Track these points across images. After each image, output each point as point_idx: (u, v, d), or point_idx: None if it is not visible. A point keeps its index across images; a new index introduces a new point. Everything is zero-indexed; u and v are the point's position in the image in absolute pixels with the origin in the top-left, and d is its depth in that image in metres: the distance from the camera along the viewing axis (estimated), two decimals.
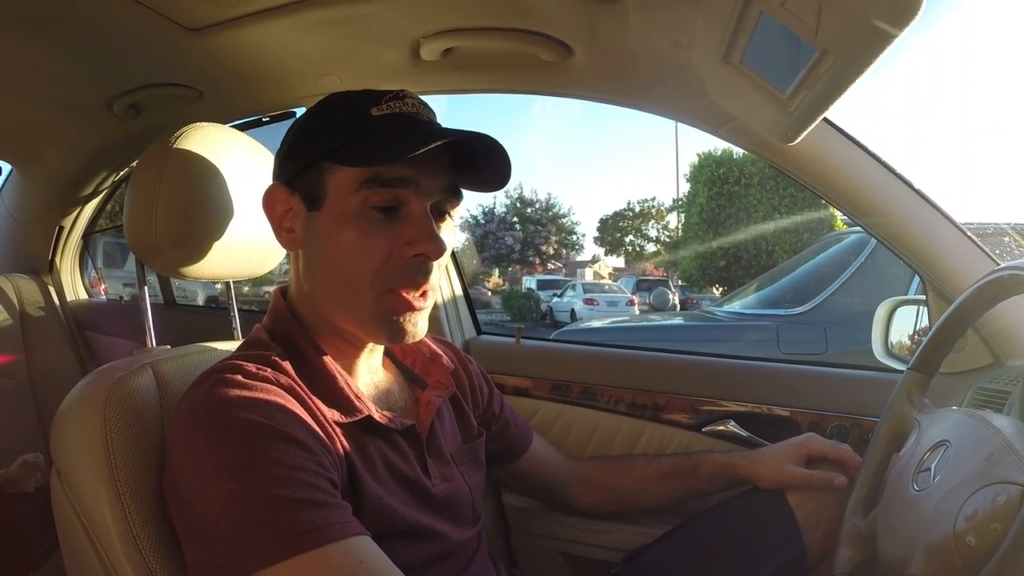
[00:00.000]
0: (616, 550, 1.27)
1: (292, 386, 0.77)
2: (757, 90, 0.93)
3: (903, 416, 0.95)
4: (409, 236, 0.79)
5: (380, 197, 0.78)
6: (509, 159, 0.82)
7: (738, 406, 1.39)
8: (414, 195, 0.79)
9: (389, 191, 0.78)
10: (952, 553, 0.66)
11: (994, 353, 1.16)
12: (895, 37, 0.64)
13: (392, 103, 0.81)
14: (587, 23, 1.08)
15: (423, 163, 0.78)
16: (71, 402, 0.80)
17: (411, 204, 0.80)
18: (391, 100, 0.81)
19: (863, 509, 0.93)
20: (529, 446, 1.16)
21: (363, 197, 0.78)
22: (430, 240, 0.79)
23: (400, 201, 0.79)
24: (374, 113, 0.80)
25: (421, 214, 0.80)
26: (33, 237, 1.99)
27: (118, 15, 1.08)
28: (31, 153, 1.73)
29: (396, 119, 0.80)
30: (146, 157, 0.94)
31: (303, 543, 0.64)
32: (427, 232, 0.79)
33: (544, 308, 18.07)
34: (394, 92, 0.82)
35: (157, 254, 0.94)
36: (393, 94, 0.82)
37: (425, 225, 0.79)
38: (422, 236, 0.79)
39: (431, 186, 0.80)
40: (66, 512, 0.78)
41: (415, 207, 0.80)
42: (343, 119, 0.81)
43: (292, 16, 1.09)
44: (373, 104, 0.80)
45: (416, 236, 0.79)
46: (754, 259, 15.37)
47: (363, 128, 0.80)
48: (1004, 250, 3.07)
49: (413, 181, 0.78)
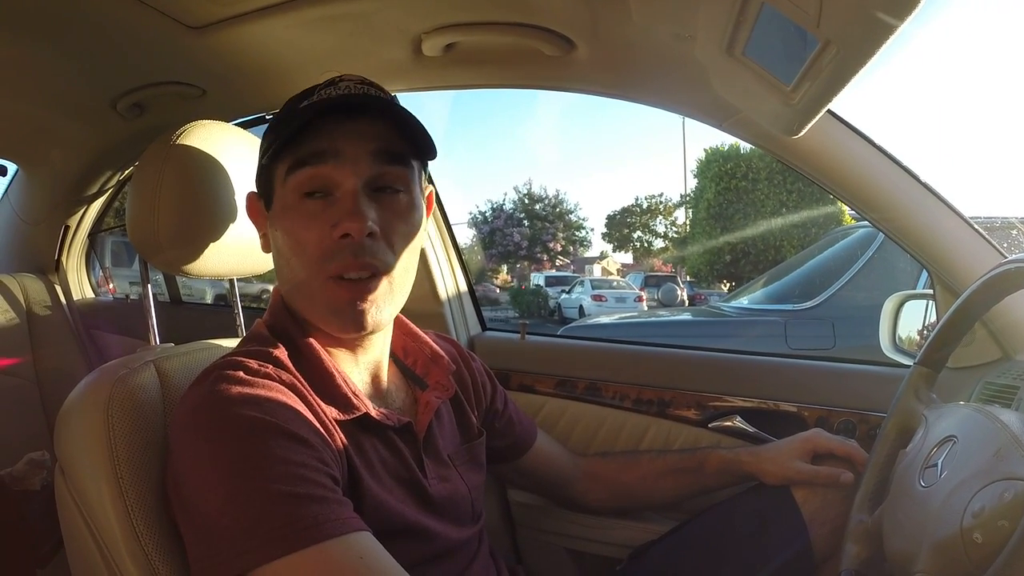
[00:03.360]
0: (621, 546, 1.26)
1: (293, 383, 0.77)
2: (760, 82, 0.93)
3: (910, 411, 0.94)
4: (335, 218, 0.78)
5: (304, 179, 0.78)
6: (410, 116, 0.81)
7: (744, 402, 1.38)
8: (338, 170, 0.78)
9: (309, 171, 0.78)
10: (959, 550, 0.65)
11: (1002, 348, 1.15)
12: (897, 27, 0.63)
13: (324, 90, 0.81)
14: (589, 17, 1.07)
15: (340, 134, 0.78)
16: (74, 400, 0.81)
17: (343, 184, 0.78)
18: (324, 87, 0.81)
19: (870, 505, 0.93)
20: (534, 443, 1.16)
21: (293, 185, 0.79)
22: (349, 218, 0.77)
23: (330, 183, 0.79)
24: (301, 106, 0.80)
25: (347, 193, 0.78)
26: (39, 237, 1.99)
27: (120, 14, 1.08)
28: (36, 153, 1.74)
29: (321, 105, 0.79)
30: (148, 155, 0.94)
31: (303, 538, 0.64)
32: (347, 210, 0.77)
33: (552, 305, 18.09)
34: (329, 80, 0.82)
35: (159, 251, 0.94)
36: (327, 82, 0.82)
37: (347, 202, 0.78)
38: (343, 214, 0.77)
39: (355, 154, 0.78)
40: (70, 509, 0.78)
41: (346, 186, 0.78)
42: (280, 119, 0.83)
43: (294, 13, 1.09)
44: (306, 97, 0.81)
45: (339, 216, 0.78)
46: (762, 254, 15.31)
47: (291, 123, 0.79)
48: (1012, 243, 3.05)
49: (332, 152, 0.78)
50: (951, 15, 46.72)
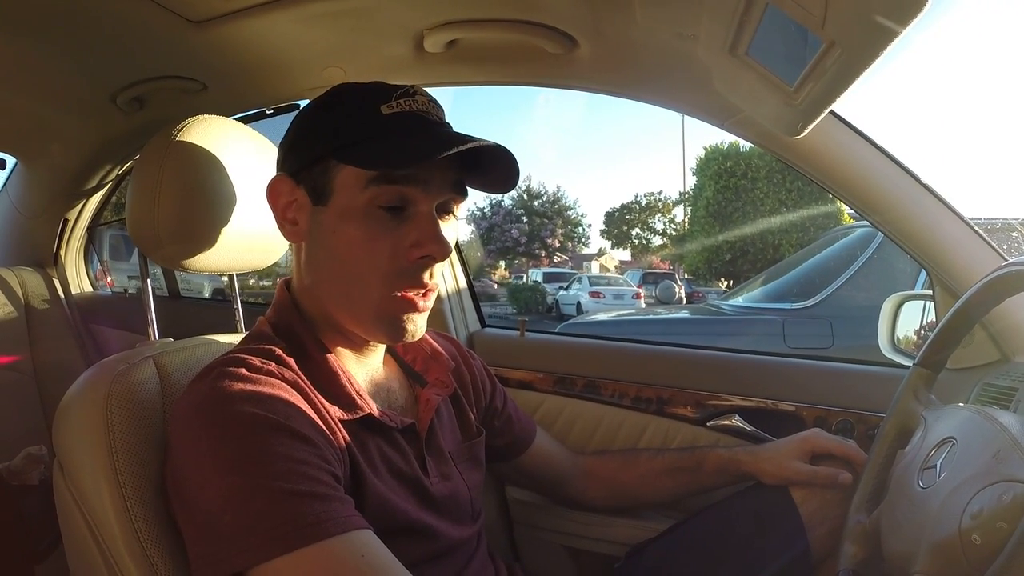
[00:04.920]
0: (620, 545, 1.27)
1: (296, 380, 0.77)
2: (763, 83, 0.93)
3: (909, 412, 0.94)
4: (415, 238, 0.78)
5: (388, 196, 0.78)
6: (517, 164, 0.82)
7: (743, 401, 1.38)
8: (422, 194, 0.79)
9: (397, 190, 0.78)
10: (957, 551, 0.65)
11: (1001, 349, 1.15)
12: (900, 32, 0.63)
13: (402, 100, 0.80)
14: (592, 15, 1.07)
15: (433, 163, 0.77)
16: (73, 395, 0.81)
17: (418, 204, 0.79)
18: (401, 97, 0.80)
19: (868, 506, 0.93)
20: (532, 441, 1.16)
21: (371, 196, 0.77)
22: (435, 242, 0.78)
23: (407, 200, 0.79)
24: (384, 111, 0.79)
25: (427, 215, 0.79)
26: (38, 230, 1.99)
27: (121, 8, 1.08)
28: (36, 147, 1.74)
29: (407, 118, 0.79)
30: (149, 150, 0.94)
31: (305, 536, 0.64)
32: (433, 234, 0.78)
33: (550, 301, 18.09)
34: (404, 88, 0.81)
35: (159, 246, 0.93)
36: (403, 90, 0.80)
37: (431, 227, 0.79)
38: (428, 238, 0.78)
39: (440, 185, 0.80)
40: (68, 505, 0.78)
41: (422, 208, 0.79)
42: (352, 116, 0.80)
43: (296, 8, 1.09)
44: (383, 101, 0.79)
45: (422, 238, 0.78)
46: (760, 253, 15.34)
47: (373, 127, 0.78)
48: (1012, 245, 3.06)
49: (423, 180, 0.78)
50: (953, 18, 46.72)
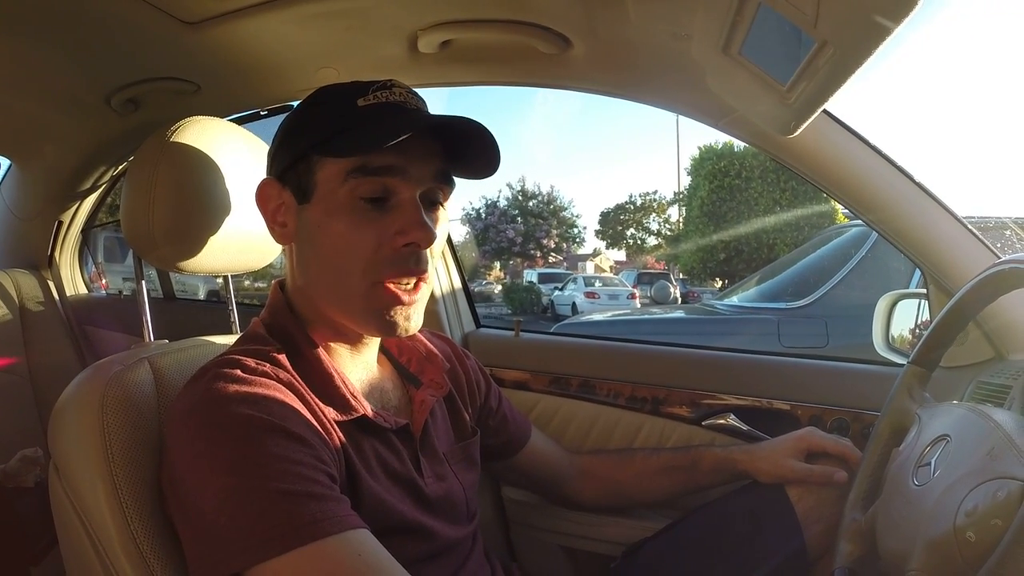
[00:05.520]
0: (616, 544, 1.27)
1: (291, 381, 0.77)
2: (756, 82, 0.93)
3: (903, 410, 0.95)
4: (399, 226, 0.79)
5: (368, 187, 0.78)
6: (496, 143, 0.82)
7: (738, 400, 1.39)
8: (403, 183, 0.79)
9: (376, 180, 0.78)
10: (952, 548, 0.65)
11: (995, 347, 1.16)
12: (893, 30, 0.64)
13: (379, 93, 0.81)
14: (586, 15, 1.07)
15: (411, 150, 0.77)
16: (68, 397, 0.80)
17: (400, 193, 0.79)
18: (378, 90, 0.81)
19: (863, 504, 0.93)
20: (528, 441, 1.16)
21: (351, 188, 0.78)
22: (419, 228, 0.78)
23: (389, 191, 0.79)
24: (360, 104, 0.80)
25: (410, 202, 0.79)
26: (32, 232, 1.98)
27: (115, 9, 1.07)
28: (30, 148, 1.73)
29: (383, 108, 0.80)
30: (143, 151, 0.93)
31: (301, 536, 0.64)
32: (416, 220, 0.78)
33: (545, 302, 18.09)
34: (382, 82, 0.82)
35: (154, 248, 0.93)
36: (380, 84, 0.81)
37: (414, 214, 0.79)
38: (411, 225, 0.78)
39: (420, 173, 0.80)
40: (64, 507, 0.78)
41: (404, 195, 0.79)
42: (330, 111, 0.81)
43: (289, 9, 1.09)
44: (360, 95, 0.80)
45: (405, 225, 0.78)
46: (755, 252, 15.35)
47: (349, 118, 0.79)
48: (1005, 244, 3.07)
49: (400, 169, 0.78)
50: (946, 16, 46.95)
